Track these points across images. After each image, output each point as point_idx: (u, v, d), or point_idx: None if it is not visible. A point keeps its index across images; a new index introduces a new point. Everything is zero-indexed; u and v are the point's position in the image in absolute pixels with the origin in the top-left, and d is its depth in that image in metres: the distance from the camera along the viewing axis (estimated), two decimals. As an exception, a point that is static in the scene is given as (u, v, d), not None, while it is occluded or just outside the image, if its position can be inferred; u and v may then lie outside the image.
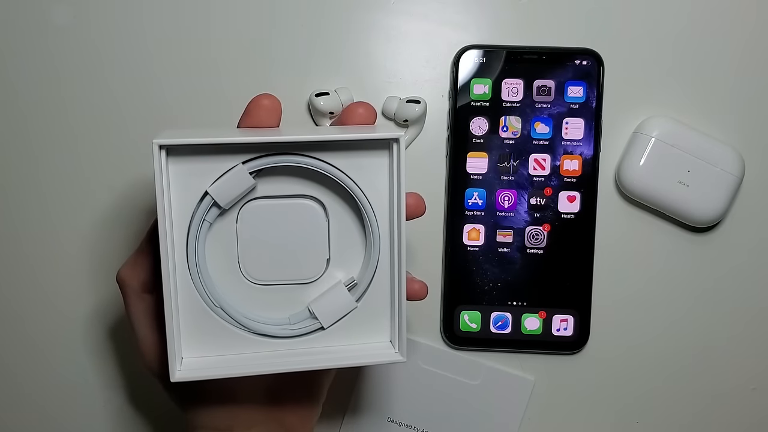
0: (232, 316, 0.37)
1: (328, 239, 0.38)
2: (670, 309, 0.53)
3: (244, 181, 0.35)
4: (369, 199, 0.36)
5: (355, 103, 0.39)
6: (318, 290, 0.38)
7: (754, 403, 0.53)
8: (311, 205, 0.37)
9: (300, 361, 0.36)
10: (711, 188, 0.50)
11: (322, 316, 0.37)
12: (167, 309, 0.34)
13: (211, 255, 0.36)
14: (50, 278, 0.52)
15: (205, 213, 0.35)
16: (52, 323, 0.53)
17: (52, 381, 0.53)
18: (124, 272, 0.40)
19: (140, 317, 0.40)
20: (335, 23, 0.52)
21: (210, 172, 0.35)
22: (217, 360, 0.36)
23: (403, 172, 0.35)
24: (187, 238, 0.35)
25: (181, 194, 0.35)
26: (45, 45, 0.51)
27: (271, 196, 0.36)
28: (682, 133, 0.50)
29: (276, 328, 0.37)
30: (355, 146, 0.36)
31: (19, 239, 0.52)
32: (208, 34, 0.51)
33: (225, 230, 0.36)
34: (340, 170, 0.36)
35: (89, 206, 0.52)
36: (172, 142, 0.33)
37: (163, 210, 0.34)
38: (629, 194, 0.51)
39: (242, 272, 0.37)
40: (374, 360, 0.37)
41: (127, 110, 0.52)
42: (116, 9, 0.51)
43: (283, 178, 0.36)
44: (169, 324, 0.34)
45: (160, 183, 0.33)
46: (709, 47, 0.52)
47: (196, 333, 0.36)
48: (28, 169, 0.52)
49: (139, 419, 0.54)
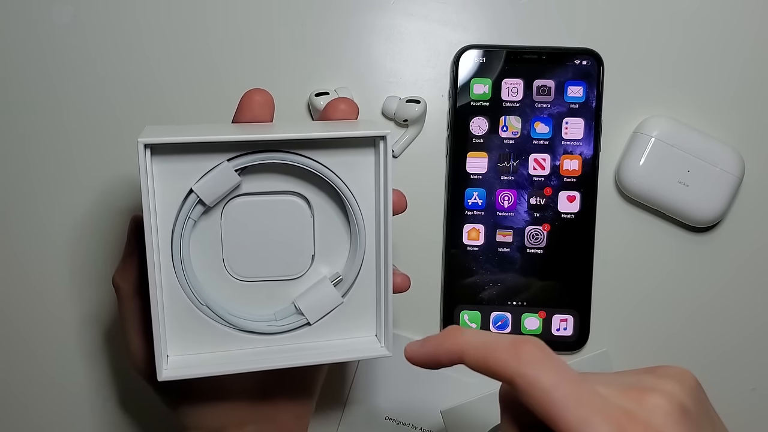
0: (218, 313, 0.37)
1: (313, 235, 0.38)
2: (669, 309, 0.53)
3: (230, 178, 0.35)
4: (354, 195, 0.37)
5: (337, 99, 0.39)
6: (303, 286, 0.38)
7: (754, 403, 0.53)
8: (296, 201, 0.37)
9: (286, 357, 0.36)
10: (711, 188, 0.50)
11: (308, 311, 0.37)
12: (153, 308, 0.34)
13: (195, 252, 0.36)
14: (40, 279, 0.52)
15: (190, 211, 0.35)
16: (43, 325, 0.53)
17: (44, 384, 0.53)
18: (117, 276, 0.40)
19: (130, 319, 0.40)
20: (335, 23, 0.52)
21: (194, 169, 0.35)
22: (203, 358, 0.36)
23: (390, 169, 0.36)
24: (172, 236, 0.35)
25: (165, 192, 0.35)
26: (39, 43, 0.51)
27: (256, 193, 0.36)
28: (682, 133, 0.50)
29: (262, 325, 0.37)
30: (341, 143, 0.36)
31: (8, 239, 0.52)
32: (208, 34, 0.52)
33: (209, 227, 0.36)
34: (326, 167, 0.36)
35: (80, 205, 0.52)
36: (157, 141, 0.33)
37: (148, 209, 0.33)
38: (629, 194, 0.51)
39: (227, 269, 0.37)
40: (360, 355, 0.37)
41: (127, 110, 0.52)
42: (116, 9, 0.51)
43: (266, 175, 0.36)
44: (155, 323, 0.34)
45: (145, 182, 0.33)
46: (709, 47, 0.52)
47: (182, 331, 0.36)
48: (18, 169, 0.52)
49: (132, 422, 0.54)
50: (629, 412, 0.26)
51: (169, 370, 0.35)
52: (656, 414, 0.26)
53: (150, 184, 0.34)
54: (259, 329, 0.37)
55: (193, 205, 0.35)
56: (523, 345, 0.28)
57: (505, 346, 0.28)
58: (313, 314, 0.37)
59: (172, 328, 0.36)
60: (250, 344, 0.37)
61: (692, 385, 0.28)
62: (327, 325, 0.38)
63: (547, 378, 0.26)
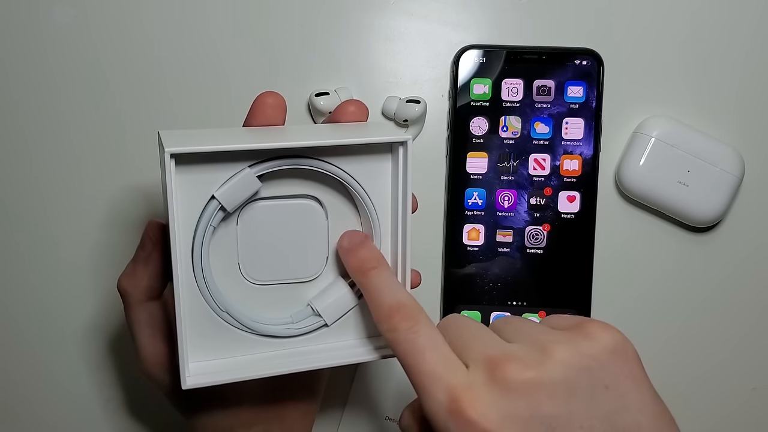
0: (238, 318, 0.36)
1: (328, 237, 0.38)
2: (670, 308, 0.53)
3: (252, 184, 0.35)
4: (371, 198, 0.37)
5: (347, 101, 0.39)
6: (317, 288, 0.38)
7: (754, 403, 0.53)
8: (311, 204, 0.37)
9: (306, 360, 0.36)
10: (711, 188, 0.50)
11: (325, 313, 0.37)
12: (178, 317, 0.34)
13: (213, 258, 0.36)
14: (47, 284, 0.52)
15: (212, 218, 0.35)
16: (48, 329, 0.53)
17: (47, 386, 0.53)
18: (125, 281, 0.40)
19: (141, 325, 0.40)
20: (335, 23, 0.52)
21: (215, 176, 0.34)
22: (223, 363, 0.36)
23: (410, 173, 0.36)
24: (193, 244, 0.35)
25: (186, 200, 0.34)
26: (43, 45, 0.51)
27: (271, 197, 0.36)
28: (682, 133, 0.50)
29: (279, 328, 0.37)
30: (360, 149, 0.36)
31: (17, 245, 0.52)
32: (208, 34, 0.52)
33: (224, 232, 0.36)
34: (345, 172, 0.36)
35: (87, 211, 0.52)
36: (184, 150, 0.32)
37: (173, 218, 0.33)
38: (629, 194, 0.51)
39: (242, 273, 0.37)
40: (378, 356, 0.37)
41: (127, 113, 0.52)
42: (115, 9, 0.51)
43: (282, 179, 0.36)
44: (180, 332, 0.34)
45: (171, 191, 0.33)
46: (709, 47, 0.52)
47: (202, 338, 0.36)
48: (24, 173, 0.52)
49: (135, 423, 0.54)
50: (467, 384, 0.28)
51: (192, 377, 0.35)
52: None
53: (174, 192, 0.33)
54: (277, 333, 0.37)
55: (214, 212, 0.35)
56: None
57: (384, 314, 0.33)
58: (330, 316, 0.37)
59: (192, 335, 0.36)
60: (268, 348, 0.37)
61: (596, 352, 0.29)
62: (344, 327, 0.38)
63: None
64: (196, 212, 0.35)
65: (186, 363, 0.35)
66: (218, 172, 0.34)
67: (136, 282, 0.39)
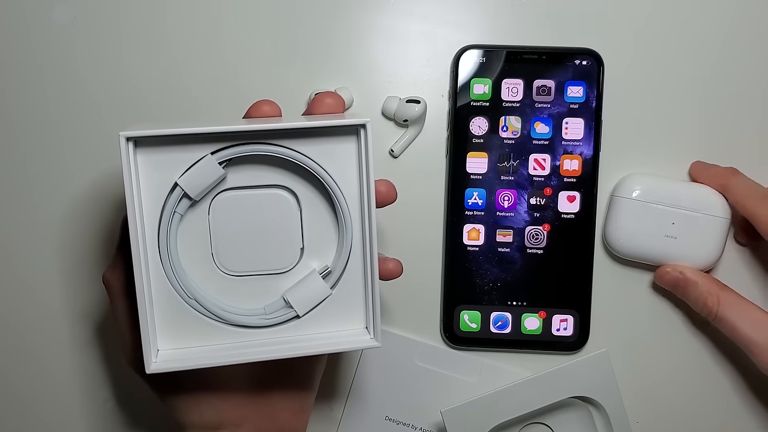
0: (207, 307, 0.37)
1: (301, 228, 0.38)
2: (669, 308, 0.53)
3: (214, 171, 0.35)
4: (339, 186, 0.37)
5: (323, 93, 0.39)
6: (293, 279, 0.38)
7: (754, 403, 0.53)
8: (283, 194, 0.37)
9: (276, 350, 0.37)
10: (700, 235, 0.49)
11: (297, 304, 0.37)
12: (140, 301, 0.35)
13: (185, 247, 0.37)
14: (33, 277, 0.52)
15: (176, 204, 0.35)
16: (39, 323, 0.53)
17: (41, 382, 0.53)
18: (108, 273, 0.41)
19: (123, 316, 0.40)
20: (335, 23, 0.52)
21: (179, 163, 0.35)
22: (192, 351, 0.37)
23: (371, 158, 0.36)
24: (159, 230, 0.35)
25: (150, 186, 0.35)
26: (40, 44, 0.51)
27: (243, 187, 0.37)
28: (659, 187, 0.49)
29: (251, 318, 0.37)
30: (324, 134, 0.36)
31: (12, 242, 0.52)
32: (208, 34, 0.52)
33: (197, 222, 0.37)
34: (309, 158, 0.36)
35: (68, 200, 0.52)
36: (138, 134, 0.33)
37: (132, 203, 0.34)
38: (621, 256, 0.51)
39: (216, 263, 0.37)
40: (350, 346, 0.38)
41: (127, 113, 0.52)
42: (116, 9, 0.51)
43: (254, 169, 0.37)
44: (142, 316, 0.35)
45: (128, 175, 0.34)
46: (709, 47, 0.52)
47: (172, 325, 0.37)
48: (11, 166, 0.52)
49: (131, 422, 0.54)
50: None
51: (158, 363, 0.35)
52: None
53: (134, 178, 0.34)
54: (249, 323, 0.37)
55: (178, 199, 0.35)
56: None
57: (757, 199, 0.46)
58: (302, 307, 0.38)
59: (162, 323, 0.36)
60: (240, 338, 0.37)
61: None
62: (316, 318, 0.38)
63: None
64: (161, 200, 0.35)
65: (152, 348, 0.35)
66: (182, 159, 0.35)
67: (118, 274, 0.40)
